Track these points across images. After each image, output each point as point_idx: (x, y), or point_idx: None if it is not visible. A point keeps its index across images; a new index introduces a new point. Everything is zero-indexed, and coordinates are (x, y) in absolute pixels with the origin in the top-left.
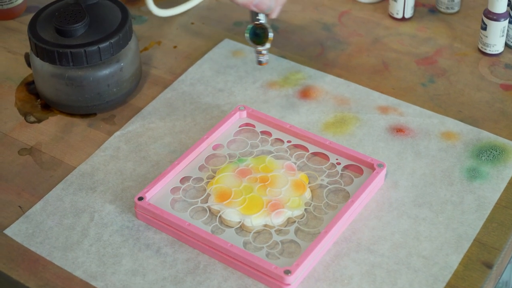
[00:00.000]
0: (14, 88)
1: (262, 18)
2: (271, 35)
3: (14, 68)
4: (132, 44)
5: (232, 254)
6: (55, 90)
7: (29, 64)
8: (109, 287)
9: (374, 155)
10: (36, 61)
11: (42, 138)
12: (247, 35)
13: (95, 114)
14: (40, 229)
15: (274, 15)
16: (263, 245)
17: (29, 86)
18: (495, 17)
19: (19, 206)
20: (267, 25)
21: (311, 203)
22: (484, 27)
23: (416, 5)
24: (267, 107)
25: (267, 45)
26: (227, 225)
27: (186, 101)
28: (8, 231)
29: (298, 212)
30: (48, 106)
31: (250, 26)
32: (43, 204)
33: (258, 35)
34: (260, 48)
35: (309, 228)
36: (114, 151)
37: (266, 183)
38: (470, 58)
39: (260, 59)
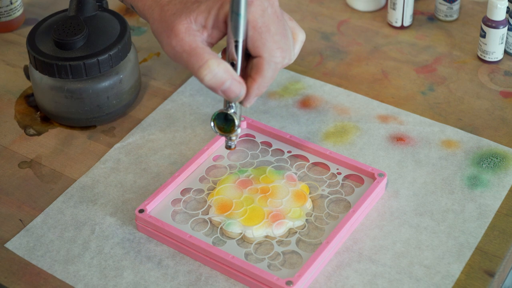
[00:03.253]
0: (14, 101)
1: (234, 106)
2: (238, 129)
3: (13, 81)
4: (131, 55)
5: (234, 266)
6: (54, 102)
7: (28, 77)
8: None
9: (375, 164)
10: (35, 74)
11: (42, 151)
12: (212, 123)
13: (95, 126)
14: (41, 242)
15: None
16: (265, 256)
17: (29, 98)
18: (494, 25)
19: (20, 220)
20: (235, 114)
21: (312, 214)
22: (483, 35)
23: (414, 13)
24: (267, 118)
25: (236, 133)
26: (228, 237)
27: (186, 112)
28: (9, 245)
29: (299, 223)
30: (48, 119)
31: (216, 112)
32: (43, 217)
33: (228, 121)
34: (226, 135)
35: (310, 238)
36: (114, 163)
37: (267, 194)
38: (470, 66)
39: (229, 144)
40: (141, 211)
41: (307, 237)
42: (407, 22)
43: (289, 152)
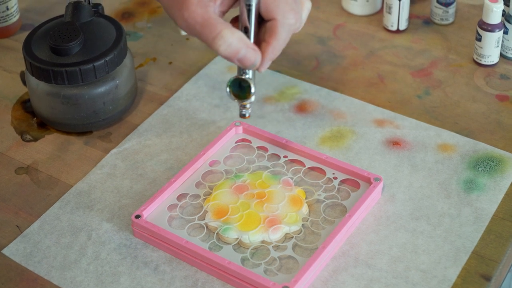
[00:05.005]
0: (10, 107)
1: (249, 72)
2: (253, 90)
3: (10, 87)
4: (127, 61)
5: (230, 271)
6: (50, 108)
7: (24, 83)
8: None
9: (371, 168)
10: (32, 79)
11: (38, 157)
12: (228, 88)
13: (91, 132)
14: (38, 249)
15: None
16: (261, 261)
17: (25, 104)
18: (490, 28)
19: (17, 226)
20: (251, 80)
21: (308, 219)
22: (479, 38)
23: (410, 17)
24: (263, 122)
25: (251, 100)
26: (224, 242)
27: (182, 117)
28: (6, 251)
29: (295, 228)
30: (44, 125)
31: (232, 78)
32: (40, 223)
33: (242, 88)
34: (241, 102)
35: (306, 243)
36: (111, 169)
37: (263, 199)
38: (466, 69)
39: (243, 112)
40: (138, 216)
41: (303, 242)
42: (402, 26)
43: (285, 157)
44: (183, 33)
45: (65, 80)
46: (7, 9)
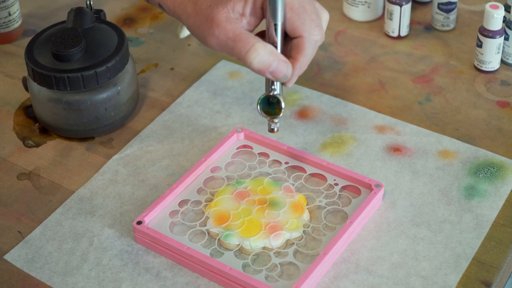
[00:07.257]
0: (12, 113)
1: (277, 88)
2: (283, 105)
3: (12, 92)
4: (129, 67)
5: (231, 277)
6: (52, 114)
7: (26, 88)
8: None
9: (372, 174)
10: (34, 85)
11: (40, 163)
12: (258, 106)
13: (93, 137)
14: (39, 254)
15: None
16: (262, 267)
17: (27, 110)
18: (491, 34)
19: (19, 231)
20: (280, 95)
21: (309, 225)
22: (479, 44)
23: (411, 23)
24: (265, 129)
25: (280, 115)
26: (226, 248)
27: (183, 123)
28: (8, 257)
29: (296, 234)
30: (46, 130)
31: (262, 96)
32: (42, 229)
33: (271, 104)
34: (271, 118)
35: (307, 250)
36: (113, 175)
37: (264, 205)
38: (466, 76)
39: (272, 127)
40: (139, 222)
41: (304, 248)
42: (404, 32)
43: (286, 163)
44: (183, 35)
45: (67, 86)
46: (9, 14)
